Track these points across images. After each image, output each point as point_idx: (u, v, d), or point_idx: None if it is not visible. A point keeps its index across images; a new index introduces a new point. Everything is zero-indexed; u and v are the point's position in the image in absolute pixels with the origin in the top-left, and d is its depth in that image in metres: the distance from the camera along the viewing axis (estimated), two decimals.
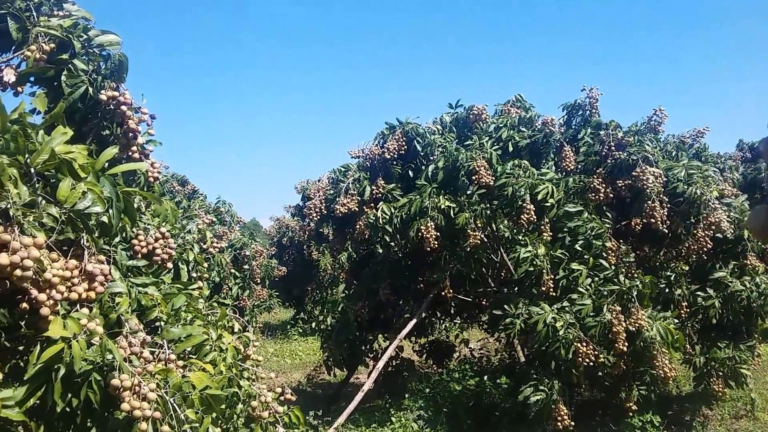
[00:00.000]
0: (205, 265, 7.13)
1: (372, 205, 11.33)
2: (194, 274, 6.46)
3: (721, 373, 10.86)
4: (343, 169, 12.15)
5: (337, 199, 11.45)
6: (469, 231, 10.47)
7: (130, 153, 4.32)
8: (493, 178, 10.55)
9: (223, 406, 3.93)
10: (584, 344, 9.23)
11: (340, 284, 21.77)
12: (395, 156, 11.49)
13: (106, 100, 4.25)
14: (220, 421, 3.97)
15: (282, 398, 4.86)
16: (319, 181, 13.44)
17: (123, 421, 3.31)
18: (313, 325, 22.94)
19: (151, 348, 3.68)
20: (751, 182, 15.78)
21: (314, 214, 11.90)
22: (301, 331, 23.51)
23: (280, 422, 4.66)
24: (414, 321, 11.61)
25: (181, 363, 3.79)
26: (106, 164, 3.49)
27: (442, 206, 10.46)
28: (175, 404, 3.41)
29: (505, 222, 11.71)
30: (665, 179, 10.58)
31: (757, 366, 12.41)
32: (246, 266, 14.13)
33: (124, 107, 4.31)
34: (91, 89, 4.21)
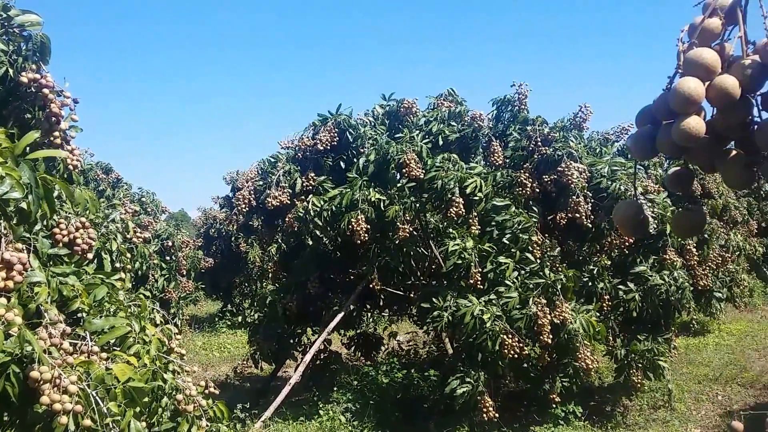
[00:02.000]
0: (129, 255, 6.97)
1: (303, 197, 11.23)
2: (117, 265, 6.30)
3: (640, 365, 11.10)
4: (272, 160, 11.96)
5: (267, 191, 11.29)
6: (398, 224, 10.50)
7: (52, 138, 4.17)
8: (423, 171, 10.61)
9: (147, 400, 3.85)
10: (510, 336, 9.38)
11: (268, 277, 21.59)
12: (327, 147, 11.41)
13: (27, 83, 4.09)
14: (144, 415, 3.89)
15: (206, 392, 4.80)
16: (248, 171, 13.23)
17: (43, 415, 3.21)
18: (241, 318, 22.74)
19: (72, 340, 3.57)
20: None
21: (243, 206, 11.68)
22: (229, 324, 23.20)
23: (205, 416, 4.59)
24: (342, 314, 11.61)
25: (104, 355, 3.68)
26: (27, 149, 3.36)
27: (373, 199, 10.49)
28: (97, 397, 3.32)
29: (435, 215, 11.80)
30: (589, 175, 10.87)
31: (674, 358, 12.93)
32: (171, 257, 13.82)
33: (45, 90, 4.15)
34: (11, 71, 4.05)
